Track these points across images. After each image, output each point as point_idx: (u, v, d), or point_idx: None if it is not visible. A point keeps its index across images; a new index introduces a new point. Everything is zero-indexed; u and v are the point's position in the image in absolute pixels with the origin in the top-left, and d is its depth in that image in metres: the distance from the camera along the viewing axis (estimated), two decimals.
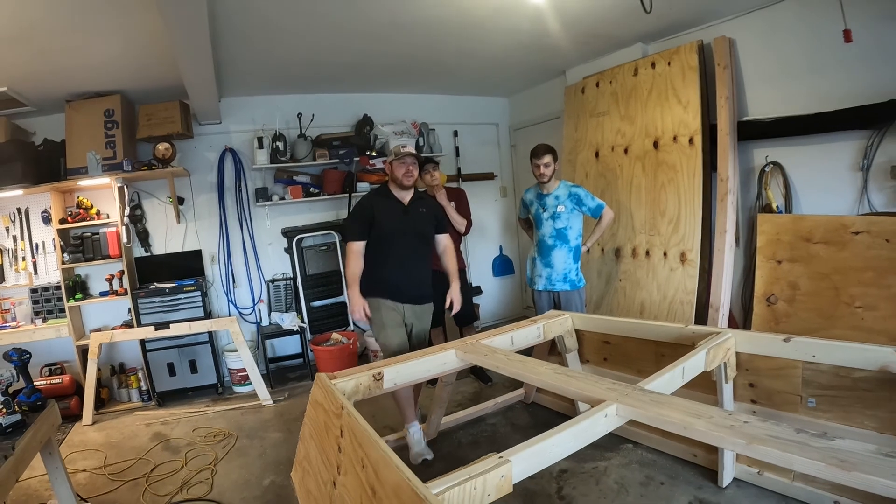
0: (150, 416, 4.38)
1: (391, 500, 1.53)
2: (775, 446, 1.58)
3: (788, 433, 1.64)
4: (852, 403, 2.41)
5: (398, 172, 3.31)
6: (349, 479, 1.86)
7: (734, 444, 1.68)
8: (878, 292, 3.15)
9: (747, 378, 2.77)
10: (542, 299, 4.03)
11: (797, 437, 1.61)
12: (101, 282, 4.73)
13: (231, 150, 5.14)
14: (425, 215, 3.46)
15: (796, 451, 1.55)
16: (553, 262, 3.94)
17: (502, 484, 1.59)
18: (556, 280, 3.94)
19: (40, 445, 2.52)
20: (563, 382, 2.33)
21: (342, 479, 1.92)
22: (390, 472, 1.57)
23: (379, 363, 2.74)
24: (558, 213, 3.91)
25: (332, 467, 2.05)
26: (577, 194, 3.92)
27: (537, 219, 4.01)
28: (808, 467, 1.52)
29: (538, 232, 4.02)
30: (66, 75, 3.87)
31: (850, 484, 1.48)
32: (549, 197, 3.95)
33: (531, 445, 1.71)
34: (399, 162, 3.31)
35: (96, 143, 4.28)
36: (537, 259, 4.03)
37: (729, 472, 2.74)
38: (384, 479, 1.60)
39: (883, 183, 3.30)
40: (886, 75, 3.20)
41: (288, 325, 5.05)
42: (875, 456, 1.49)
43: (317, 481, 2.23)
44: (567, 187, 3.96)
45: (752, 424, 1.73)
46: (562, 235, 3.91)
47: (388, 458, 1.62)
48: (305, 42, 3.91)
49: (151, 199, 4.95)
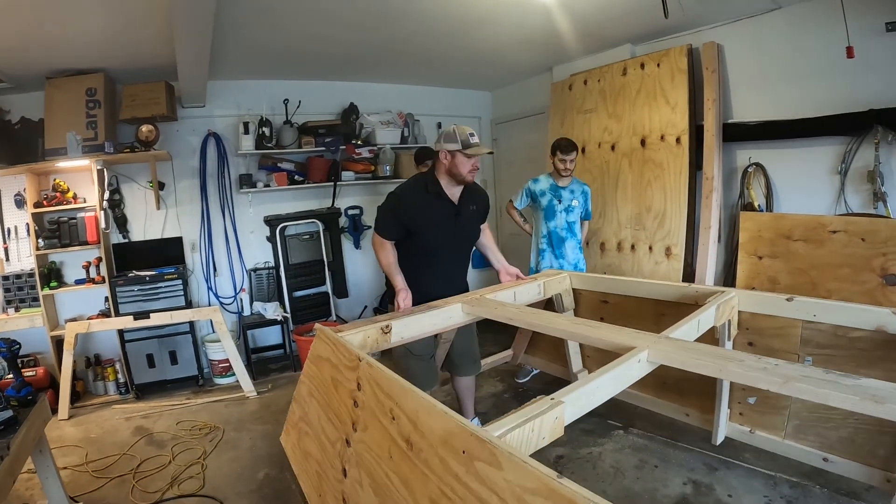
0: (130, 410, 4.22)
1: (437, 449, 1.46)
2: (810, 384, 1.67)
3: (819, 373, 1.73)
4: (847, 362, 2.50)
5: (463, 168, 2.72)
6: (371, 434, 1.78)
7: (770, 383, 1.73)
8: (853, 287, 3.31)
9: (747, 337, 2.85)
10: None
11: (827, 376, 1.70)
12: (78, 269, 4.51)
13: (215, 135, 4.99)
14: (476, 213, 2.99)
15: (830, 388, 1.63)
16: (566, 254, 4.05)
17: (556, 426, 1.59)
18: (566, 269, 3.97)
19: (34, 444, 2.38)
20: (587, 331, 2.34)
21: (360, 436, 1.84)
22: (436, 419, 1.51)
23: (383, 317, 2.64)
24: (572, 207, 4.03)
25: (343, 425, 1.98)
26: (586, 193, 4.13)
27: (549, 210, 4.03)
28: (844, 402, 1.60)
29: (548, 223, 4.06)
30: (49, 51, 3.67)
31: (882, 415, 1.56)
32: (566, 191, 4.03)
33: (578, 387, 1.72)
34: (466, 155, 2.71)
35: (77, 123, 4.06)
36: (547, 251, 4.08)
37: (722, 431, 2.91)
38: (427, 427, 1.53)
39: (859, 186, 3.51)
40: (865, 86, 3.39)
41: (271, 314, 4.96)
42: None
43: (319, 441, 2.16)
44: (580, 185, 4.13)
45: (782, 367, 1.80)
46: (571, 228, 4.04)
47: (432, 405, 1.55)
48: (297, 28, 3.83)
49: (131, 184, 4.75)
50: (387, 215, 2.84)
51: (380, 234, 2.84)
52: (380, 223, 2.87)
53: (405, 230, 2.79)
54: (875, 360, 2.43)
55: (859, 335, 2.47)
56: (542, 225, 4.09)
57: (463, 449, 1.37)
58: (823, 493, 2.58)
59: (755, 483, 2.72)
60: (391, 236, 2.82)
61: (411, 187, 2.89)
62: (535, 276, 3.47)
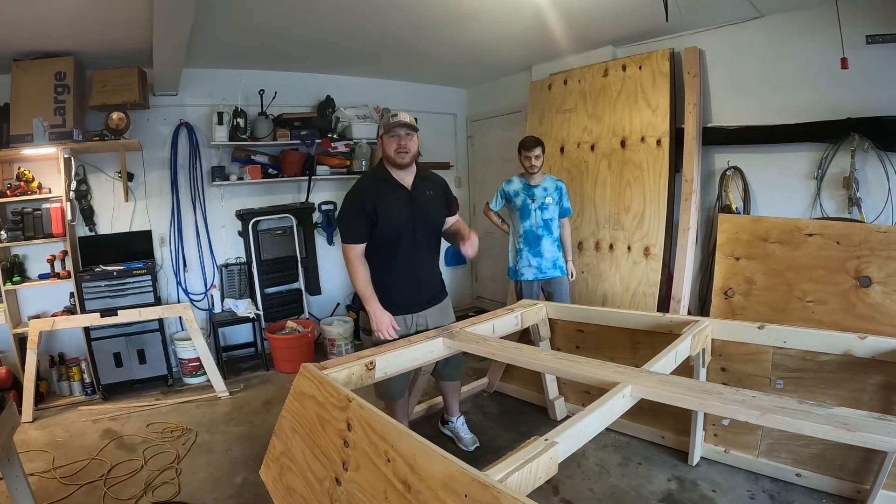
0: (97, 411, 4.03)
1: (437, 492, 1.47)
2: (785, 415, 1.76)
3: (793, 404, 1.83)
4: (815, 384, 2.65)
5: (389, 149, 2.73)
6: (364, 475, 1.78)
7: (748, 415, 1.82)
8: (827, 289, 3.44)
9: (720, 363, 2.96)
10: (531, 289, 4.09)
11: (801, 406, 1.81)
12: (42, 263, 4.28)
13: (187, 125, 4.80)
14: (434, 198, 2.94)
15: (804, 418, 1.73)
16: (542, 252, 4.03)
17: (550, 465, 1.64)
18: (546, 268, 4.04)
19: (3, 453, 2.19)
20: (569, 367, 2.39)
21: (352, 476, 1.84)
22: (435, 462, 1.52)
23: (367, 351, 2.63)
24: (546, 205, 4.00)
25: (332, 463, 1.97)
26: (561, 188, 4.09)
27: (523, 210, 4.03)
28: (818, 431, 1.71)
29: (523, 223, 4.04)
30: (16, 30, 3.45)
31: (854, 443, 1.71)
32: (538, 188, 4.02)
33: (569, 428, 1.77)
34: (389, 136, 2.72)
35: (44, 109, 3.85)
36: (524, 250, 4.06)
37: (698, 452, 2.96)
38: (425, 471, 1.54)
39: (835, 191, 3.63)
40: (844, 95, 3.50)
41: (243, 312, 4.81)
42: (869, 419, 1.71)
43: (305, 478, 2.13)
44: (553, 180, 4.10)
45: (759, 399, 1.89)
46: (548, 226, 4.01)
47: (430, 449, 1.57)
48: (279, 13, 3.70)
49: (98, 174, 4.53)
50: (348, 215, 2.81)
51: (349, 241, 2.80)
52: (345, 229, 2.83)
53: (369, 221, 2.75)
54: (842, 382, 2.59)
55: (827, 359, 2.61)
56: (518, 225, 4.09)
57: (465, 493, 1.40)
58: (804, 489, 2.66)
59: (737, 478, 2.79)
60: (360, 237, 2.78)
61: (362, 180, 2.94)
62: (512, 308, 3.44)
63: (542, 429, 3.29)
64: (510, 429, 3.54)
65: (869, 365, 2.48)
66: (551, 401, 3.63)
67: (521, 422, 3.63)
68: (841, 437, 1.68)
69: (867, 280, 3.30)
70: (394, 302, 2.85)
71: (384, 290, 2.84)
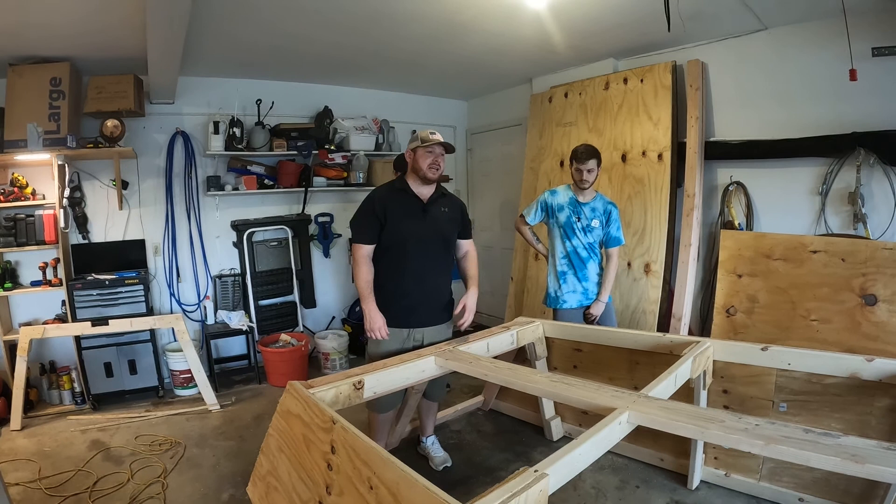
0: (86, 422, 3.98)
1: None
2: (791, 445, 1.67)
3: (798, 433, 1.73)
4: (821, 407, 2.58)
5: (423, 163, 2.79)
6: (347, 500, 1.74)
7: (752, 445, 1.73)
8: (832, 307, 3.36)
9: (722, 385, 2.89)
10: (575, 318, 3.62)
11: (807, 436, 1.70)
12: (34, 270, 4.26)
13: (183, 133, 4.78)
14: (448, 216, 2.98)
15: (811, 448, 1.64)
16: (589, 276, 3.62)
17: (540, 498, 1.55)
18: (592, 293, 3.64)
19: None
20: (564, 391, 2.31)
21: (336, 500, 1.79)
22: (419, 494, 1.48)
23: (357, 370, 2.58)
24: (591, 228, 3.58)
25: (316, 486, 1.92)
26: (610, 213, 3.60)
27: (567, 227, 3.59)
28: (825, 463, 1.61)
29: (567, 242, 3.61)
30: (12, 36, 3.45)
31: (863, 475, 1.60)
32: (587, 207, 3.58)
33: (561, 457, 1.70)
34: (426, 150, 2.80)
35: (39, 115, 3.83)
36: (569, 273, 3.63)
37: (698, 475, 2.89)
38: (408, 501, 1.50)
39: (840, 207, 3.57)
40: (849, 109, 3.45)
41: (236, 324, 4.75)
42: (878, 449, 1.61)
43: (290, 499, 2.09)
44: (604, 202, 3.63)
45: (762, 427, 1.80)
46: (593, 249, 3.61)
47: (413, 479, 1.53)
48: (275, 24, 3.69)
49: (93, 182, 4.51)
50: (361, 216, 2.93)
51: (358, 241, 2.90)
52: (356, 230, 2.94)
53: (378, 224, 2.85)
54: (848, 405, 2.51)
55: (833, 381, 2.53)
56: (559, 244, 3.64)
57: None
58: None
59: (737, 502, 2.72)
60: (370, 238, 2.88)
61: (381, 187, 3.04)
62: (508, 325, 3.33)
63: (537, 449, 3.31)
64: (505, 448, 3.47)
65: (876, 388, 2.40)
66: (547, 421, 3.55)
67: (516, 441, 3.56)
68: (850, 470, 1.58)
69: (873, 298, 3.21)
70: (398, 310, 2.91)
71: (388, 297, 2.90)
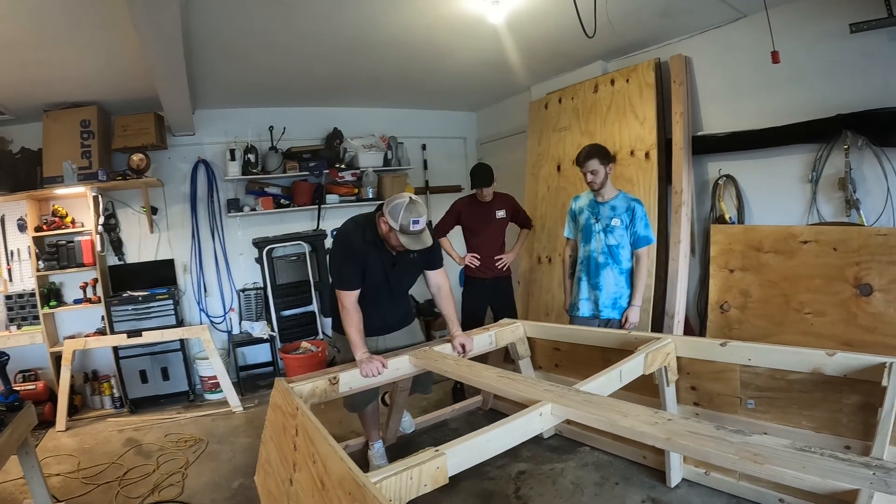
0: (123, 423, 4.44)
1: (337, 491, 1.62)
2: (692, 441, 1.69)
3: (708, 430, 1.74)
4: (789, 404, 2.51)
5: (392, 241, 2.75)
6: (303, 475, 1.95)
7: (655, 439, 1.77)
8: (825, 298, 3.27)
9: (689, 381, 2.87)
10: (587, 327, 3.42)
11: (716, 433, 1.71)
12: (75, 289, 4.79)
13: (204, 162, 5.25)
14: (416, 261, 2.98)
15: (712, 445, 1.64)
16: (602, 284, 3.37)
17: (438, 475, 1.69)
18: (603, 306, 3.39)
19: (17, 445, 2.58)
20: (504, 385, 2.42)
21: (297, 476, 2.02)
22: (336, 464, 1.68)
23: (335, 368, 2.83)
24: (612, 227, 3.34)
25: (288, 466, 2.15)
26: (634, 210, 3.33)
27: (586, 231, 3.44)
28: (723, 460, 1.63)
29: (585, 247, 3.46)
30: (45, 86, 3.97)
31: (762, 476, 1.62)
32: (605, 206, 3.38)
33: (466, 441, 1.82)
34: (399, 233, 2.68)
35: (72, 153, 4.37)
36: (583, 280, 3.47)
37: (677, 473, 2.84)
38: (332, 471, 1.70)
39: (831, 194, 3.44)
40: (832, 91, 3.35)
41: (258, 333, 5.14)
42: (787, 450, 1.57)
43: (276, 481, 2.31)
44: (627, 199, 3.38)
45: (674, 422, 1.83)
46: (614, 253, 3.35)
47: (335, 452, 1.74)
48: (270, 64, 4.06)
49: (125, 209, 5.03)
50: (343, 264, 2.86)
51: (343, 288, 2.83)
52: (342, 278, 2.86)
53: (361, 273, 2.83)
54: (816, 402, 2.43)
55: (797, 377, 2.47)
56: (581, 249, 3.51)
57: (349, 491, 1.54)
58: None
59: (717, 502, 2.68)
60: (355, 283, 2.83)
61: (352, 232, 2.88)
62: (489, 327, 3.43)
63: (530, 448, 3.33)
64: None
65: (843, 384, 2.32)
66: None
67: None
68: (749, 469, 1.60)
69: (868, 288, 3.12)
70: (368, 325, 2.92)
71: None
